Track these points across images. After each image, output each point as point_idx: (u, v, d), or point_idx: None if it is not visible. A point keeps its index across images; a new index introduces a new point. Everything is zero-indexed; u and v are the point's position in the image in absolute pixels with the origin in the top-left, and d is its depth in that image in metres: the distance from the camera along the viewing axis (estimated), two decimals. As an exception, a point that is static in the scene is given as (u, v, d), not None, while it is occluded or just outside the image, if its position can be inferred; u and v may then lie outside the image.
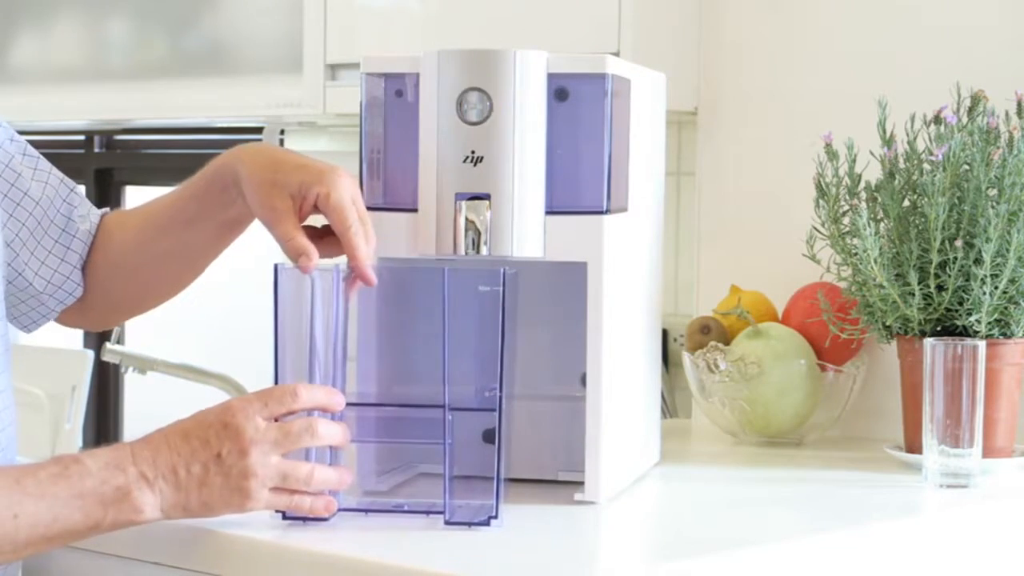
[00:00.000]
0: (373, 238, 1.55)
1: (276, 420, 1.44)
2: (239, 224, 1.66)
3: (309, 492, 1.45)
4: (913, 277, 1.84)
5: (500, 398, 1.48)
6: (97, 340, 3.56)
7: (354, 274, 1.54)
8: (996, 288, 1.81)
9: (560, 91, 1.58)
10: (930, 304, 1.85)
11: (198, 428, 1.43)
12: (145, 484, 1.40)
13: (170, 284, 1.75)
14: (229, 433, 1.42)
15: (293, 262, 1.51)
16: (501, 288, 1.48)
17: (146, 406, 3.62)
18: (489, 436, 1.51)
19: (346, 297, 1.54)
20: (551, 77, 1.58)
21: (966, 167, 1.84)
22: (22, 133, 1.71)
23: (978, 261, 1.81)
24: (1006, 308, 1.83)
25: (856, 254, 1.88)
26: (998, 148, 1.83)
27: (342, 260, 1.55)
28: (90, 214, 1.71)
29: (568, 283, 1.62)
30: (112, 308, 1.76)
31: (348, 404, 1.53)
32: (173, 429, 1.43)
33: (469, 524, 1.49)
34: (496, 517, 1.49)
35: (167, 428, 1.44)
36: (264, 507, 1.44)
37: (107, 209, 1.75)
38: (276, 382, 1.52)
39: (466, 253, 1.57)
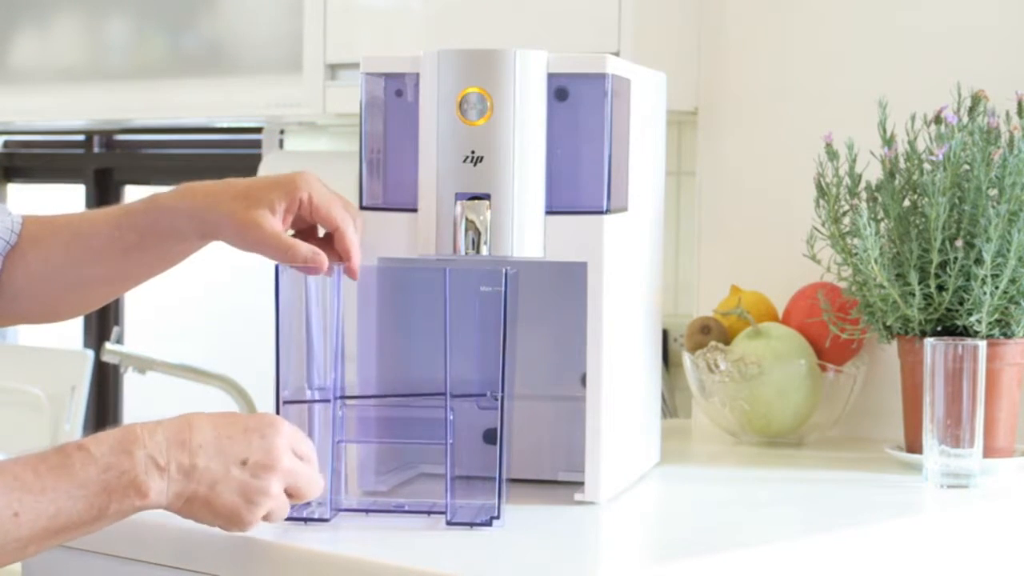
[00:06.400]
0: (361, 223, 1.57)
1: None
2: (179, 258, 1.64)
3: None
4: (913, 277, 1.84)
5: (502, 398, 1.48)
6: (97, 340, 3.56)
7: (344, 267, 1.55)
8: (996, 288, 1.81)
9: (560, 91, 1.58)
10: (930, 304, 1.85)
11: (230, 427, 1.40)
12: (154, 468, 1.36)
13: (91, 305, 1.72)
14: (265, 444, 1.39)
15: (304, 267, 1.51)
16: (503, 288, 1.48)
17: (146, 406, 3.62)
18: (490, 436, 1.51)
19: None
20: (551, 77, 1.58)
21: (966, 167, 1.84)
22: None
23: (978, 261, 1.81)
24: (1006, 308, 1.83)
25: (856, 254, 1.88)
26: (998, 148, 1.83)
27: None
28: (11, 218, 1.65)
29: (568, 283, 1.62)
30: (17, 316, 1.70)
31: (350, 401, 1.53)
32: (200, 419, 1.40)
33: (471, 524, 1.49)
34: (498, 517, 1.49)
35: (191, 416, 1.40)
36: (246, 529, 1.41)
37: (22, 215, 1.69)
38: (277, 382, 1.52)
39: (466, 253, 1.56)
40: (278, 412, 1.53)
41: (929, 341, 1.76)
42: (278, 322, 1.53)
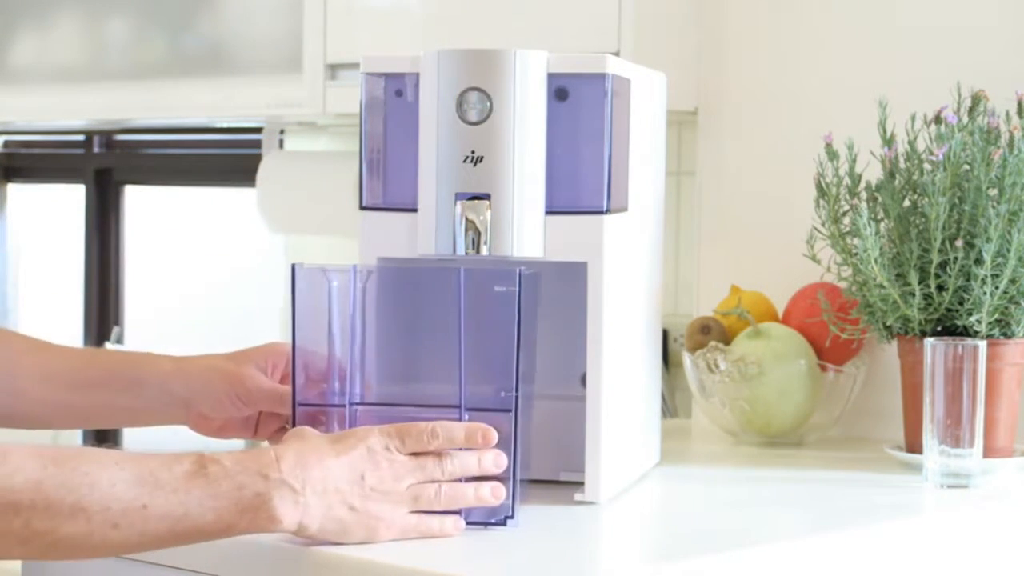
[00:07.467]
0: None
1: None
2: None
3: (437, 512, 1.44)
4: (913, 277, 1.84)
5: (516, 399, 1.48)
6: (97, 340, 3.56)
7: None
8: (996, 288, 1.81)
9: (560, 91, 1.58)
10: (930, 304, 1.85)
11: (345, 448, 1.39)
12: (289, 493, 1.35)
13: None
14: (373, 461, 1.39)
15: None
16: (516, 288, 1.47)
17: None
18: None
19: None
20: (551, 77, 1.58)
21: (966, 167, 1.84)
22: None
23: (978, 261, 1.81)
24: (1007, 308, 1.83)
25: (856, 254, 1.88)
26: (998, 148, 1.83)
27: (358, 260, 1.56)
28: None
29: (568, 283, 1.62)
30: None
31: (362, 404, 1.53)
32: (315, 444, 1.39)
33: (485, 524, 1.49)
34: (512, 517, 1.49)
35: (307, 441, 1.40)
36: (396, 535, 1.41)
37: None
38: (293, 384, 1.52)
39: (466, 253, 1.56)
40: (294, 415, 1.52)
41: (929, 341, 1.76)
42: (294, 325, 1.52)
